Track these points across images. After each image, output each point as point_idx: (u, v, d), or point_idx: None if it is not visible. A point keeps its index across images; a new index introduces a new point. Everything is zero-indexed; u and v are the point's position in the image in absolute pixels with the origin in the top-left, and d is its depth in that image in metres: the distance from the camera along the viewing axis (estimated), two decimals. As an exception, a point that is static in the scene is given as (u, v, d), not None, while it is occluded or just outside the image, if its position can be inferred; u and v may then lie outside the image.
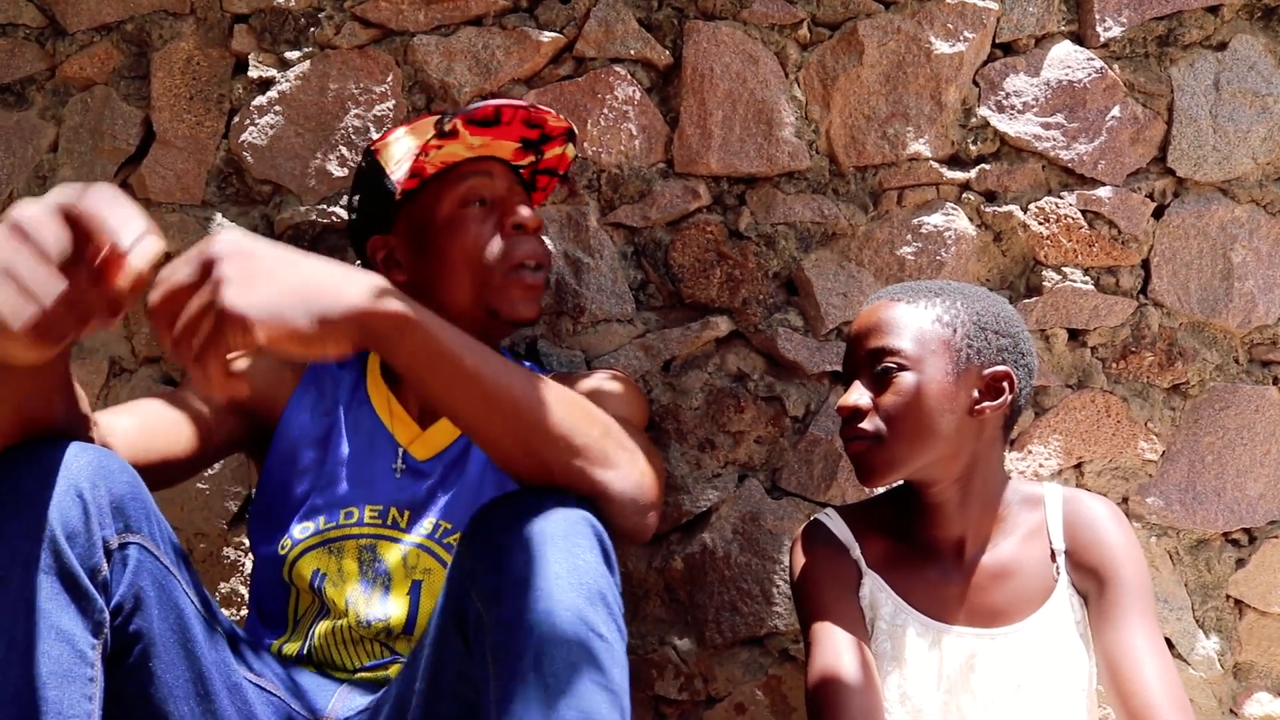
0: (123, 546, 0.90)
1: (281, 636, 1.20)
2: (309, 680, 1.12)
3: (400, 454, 1.24)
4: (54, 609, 0.83)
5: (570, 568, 0.86)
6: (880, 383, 1.16)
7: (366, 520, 1.21)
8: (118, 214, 0.75)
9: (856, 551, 1.24)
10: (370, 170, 1.31)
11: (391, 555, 1.19)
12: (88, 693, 0.84)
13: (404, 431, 1.25)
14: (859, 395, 1.16)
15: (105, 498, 0.89)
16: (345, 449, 1.24)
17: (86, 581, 0.86)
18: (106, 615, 0.88)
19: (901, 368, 1.14)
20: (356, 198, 1.34)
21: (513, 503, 0.91)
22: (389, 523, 1.21)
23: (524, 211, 1.26)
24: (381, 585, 1.18)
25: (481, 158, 1.29)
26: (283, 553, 1.19)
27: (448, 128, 1.20)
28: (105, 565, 0.89)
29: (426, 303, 1.19)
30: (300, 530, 1.20)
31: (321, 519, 1.21)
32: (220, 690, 0.95)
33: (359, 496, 1.22)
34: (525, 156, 1.34)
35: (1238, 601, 1.52)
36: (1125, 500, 1.52)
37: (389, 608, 1.16)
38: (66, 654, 0.83)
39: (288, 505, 1.22)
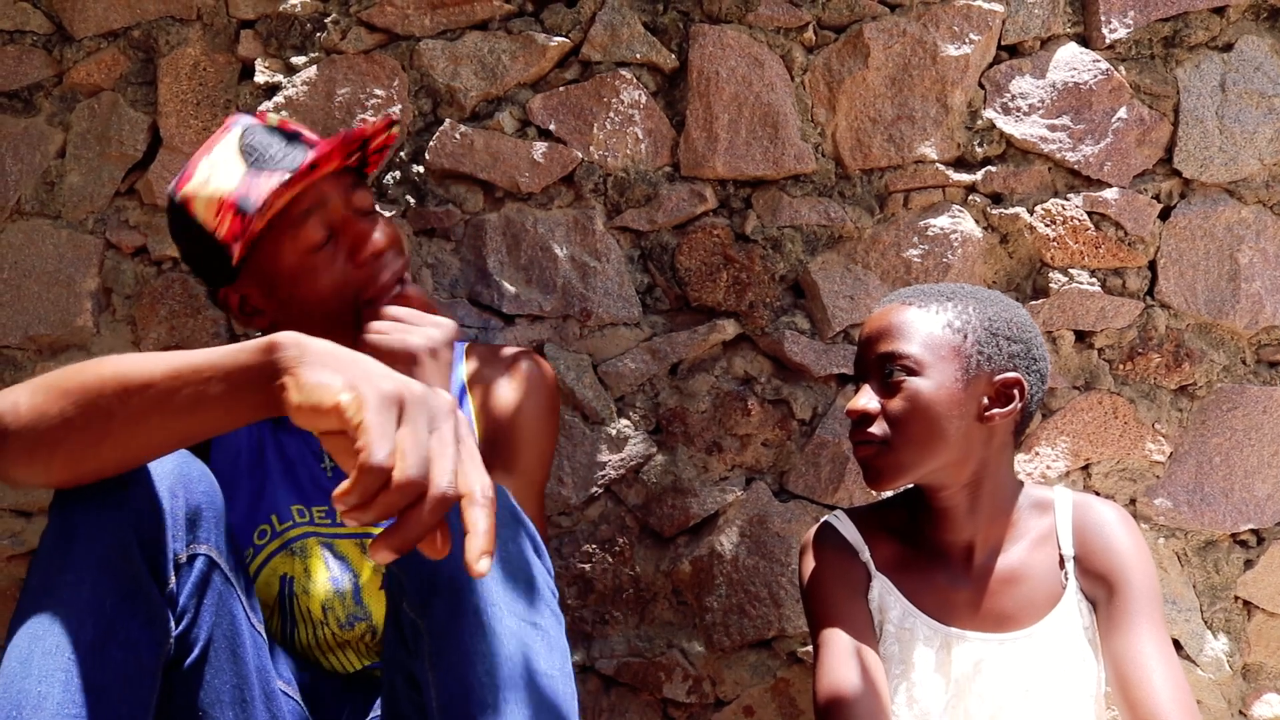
0: (191, 558, 0.90)
1: None
2: (325, 687, 1.12)
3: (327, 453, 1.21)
4: (123, 616, 0.83)
5: (498, 559, 0.87)
6: (889, 387, 1.15)
7: (316, 520, 1.19)
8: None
9: (866, 554, 1.23)
10: (186, 225, 1.15)
11: (355, 555, 1.17)
12: (146, 702, 0.84)
13: None
14: (867, 400, 1.16)
15: (183, 508, 0.89)
16: (281, 452, 1.22)
17: (156, 592, 0.86)
18: (171, 625, 0.88)
19: (910, 373, 1.13)
20: (182, 247, 1.19)
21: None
22: (338, 520, 1.18)
23: (375, 238, 1.15)
24: (352, 586, 1.16)
25: (309, 187, 1.15)
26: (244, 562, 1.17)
27: (262, 207, 1.09)
28: (174, 576, 0.89)
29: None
30: (259, 535, 1.18)
31: (275, 519, 1.19)
32: (258, 698, 0.95)
33: (305, 497, 1.20)
34: (352, 158, 1.22)
35: (1246, 603, 1.52)
36: (1133, 501, 1.52)
37: (366, 609, 1.15)
38: (131, 662, 0.82)
39: (236, 512, 1.18)
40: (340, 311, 1.14)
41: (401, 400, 0.70)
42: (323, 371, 0.72)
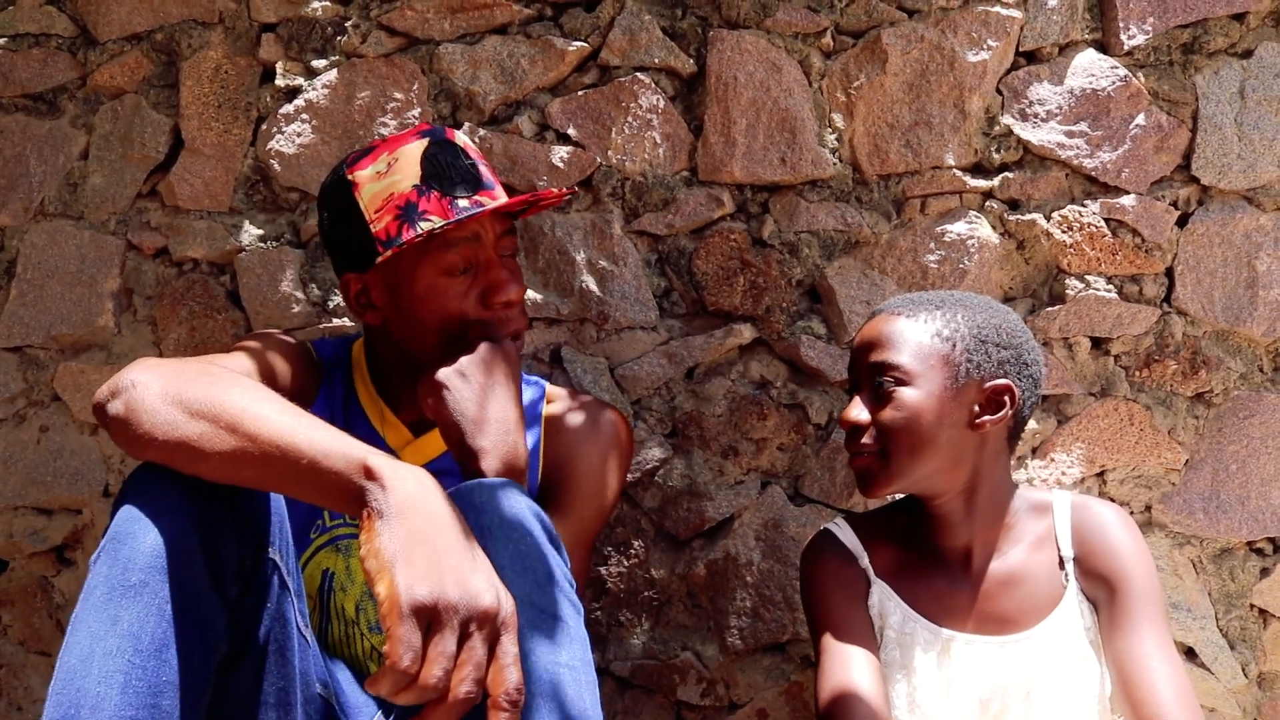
0: (255, 562, 0.93)
1: None
2: (353, 692, 1.13)
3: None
4: (183, 620, 0.84)
5: (514, 554, 0.89)
6: (880, 397, 1.17)
7: None
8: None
9: (865, 560, 1.25)
10: (346, 205, 1.18)
11: None
12: (199, 706, 0.85)
13: (396, 437, 1.25)
14: (858, 411, 1.18)
15: (247, 512, 0.92)
16: None
17: (216, 597, 0.88)
18: (227, 630, 0.90)
19: (900, 382, 1.15)
20: (329, 221, 1.22)
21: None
22: None
23: (511, 290, 1.16)
24: None
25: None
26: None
27: (437, 231, 1.12)
28: (236, 581, 0.91)
29: (399, 346, 1.20)
30: (314, 530, 1.21)
31: (327, 515, 1.22)
32: (298, 700, 0.97)
33: None
34: (518, 208, 1.26)
35: (1262, 611, 1.52)
36: (1148, 509, 1.52)
37: None
38: (187, 666, 0.84)
39: (298, 506, 1.20)
40: (451, 335, 1.16)
41: (435, 608, 0.76)
42: (390, 542, 0.79)
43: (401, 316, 1.18)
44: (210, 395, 0.88)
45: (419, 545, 0.79)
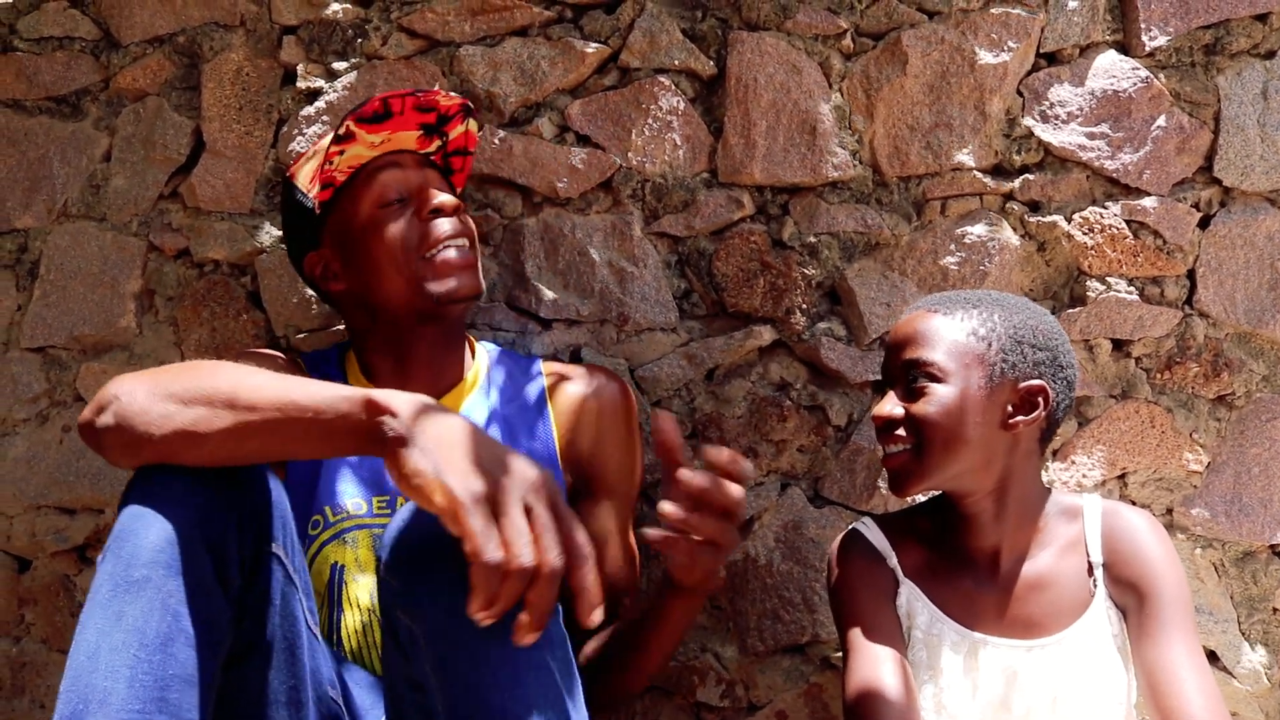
0: (257, 556, 0.93)
1: None
2: (363, 694, 1.14)
3: None
4: (187, 614, 0.85)
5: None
6: (913, 394, 1.17)
7: (375, 510, 1.22)
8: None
9: (893, 560, 1.24)
10: (288, 193, 1.34)
11: None
12: (206, 701, 0.86)
13: None
14: (891, 406, 1.18)
15: (249, 507, 0.92)
16: None
17: (220, 590, 0.88)
18: (231, 625, 0.90)
19: (934, 379, 1.15)
20: (284, 224, 1.37)
21: (427, 514, 0.92)
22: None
23: (439, 197, 1.26)
24: None
25: (388, 153, 1.29)
26: None
27: (341, 131, 1.21)
28: (240, 575, 0.91)
29: (369, 306, 1.27)
30: (312, 526, 1.22)
31: (329, 510, 1.22)
32: (309, 699, 0.97)
33: (364, 490, 1.24)
34: (430, 142, 1.34)
35: (1284, 614, 1.51)
36: (1170, 511, 1.51)
37: None
38: (192, 660, 0.85)
39: (297, 503, 1.21)
40: (401, 275, 1.23)
41: (494, 494, 0.79)
42: (424, 458, 0.82)
43: (358, 267, 1.26)
44: (198, 382, 0.90)
45: (452, 450, 0.82)
